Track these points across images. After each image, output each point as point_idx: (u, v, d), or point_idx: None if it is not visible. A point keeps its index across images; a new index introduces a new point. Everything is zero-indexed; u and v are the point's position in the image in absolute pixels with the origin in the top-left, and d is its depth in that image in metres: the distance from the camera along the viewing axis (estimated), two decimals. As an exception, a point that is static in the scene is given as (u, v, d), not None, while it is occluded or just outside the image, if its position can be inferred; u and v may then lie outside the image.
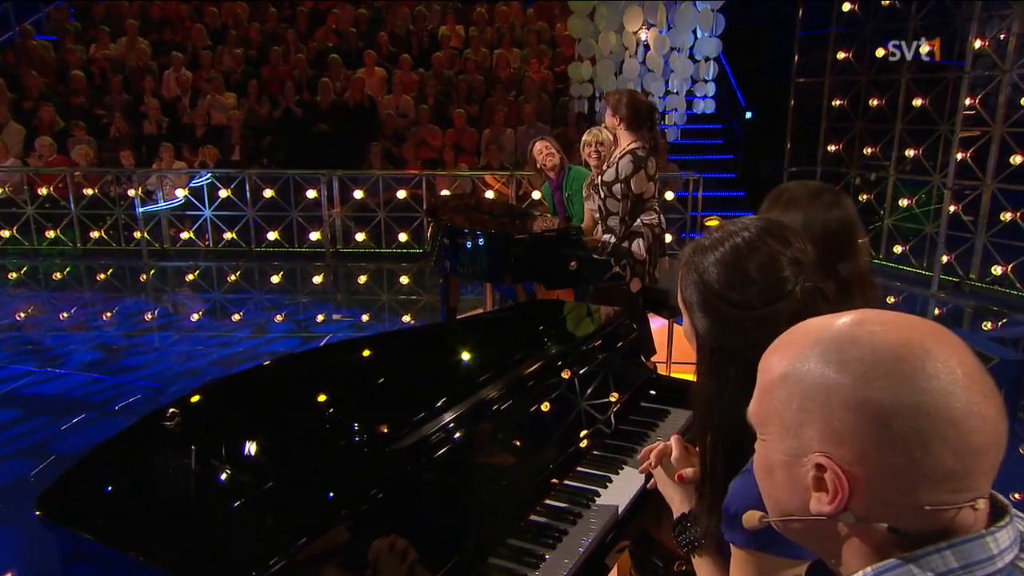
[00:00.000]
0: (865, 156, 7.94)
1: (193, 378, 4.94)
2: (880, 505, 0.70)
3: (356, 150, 8.85)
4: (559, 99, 9.51)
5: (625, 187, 3.80)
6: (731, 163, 9.86)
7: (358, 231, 8.09)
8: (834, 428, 0.70)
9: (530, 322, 2.57)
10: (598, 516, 1.77)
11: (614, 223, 4.00)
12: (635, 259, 3.93)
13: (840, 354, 0.70)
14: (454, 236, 3.95)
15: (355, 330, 5.88)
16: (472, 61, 9.84)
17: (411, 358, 2.11)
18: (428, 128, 8.83)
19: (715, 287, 1.15)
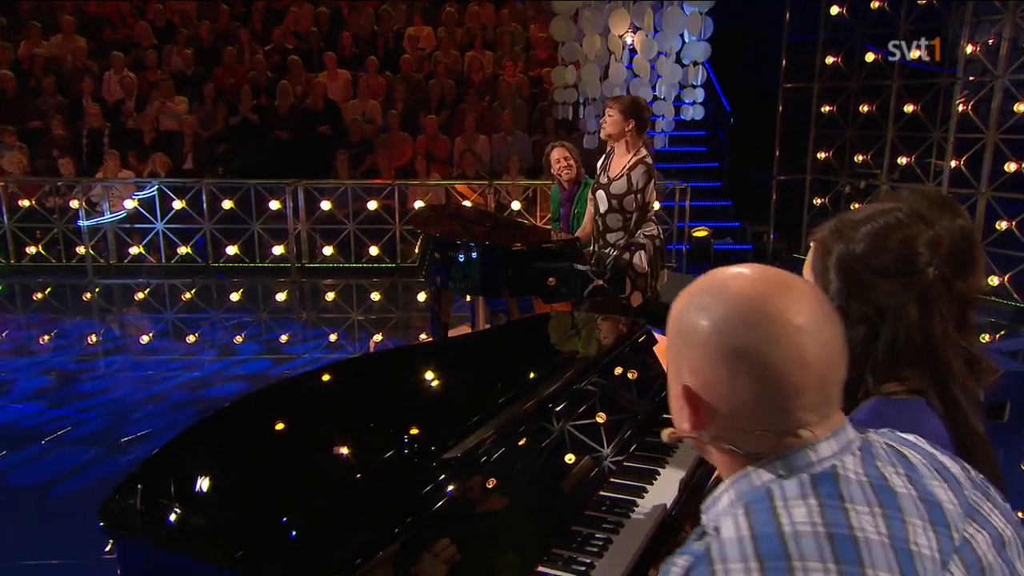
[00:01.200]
0: (856, 164, 8.30)
1: (157, 404, 4.94)
2: (725, 429, 0.93)
3: (320, 159, 8.92)
4: (537, 104, 9.73)
5: (640, 198, 3.96)
6: (716, 171, 10.16)
7: (325, 245, 8.14)
8: (692, 361, 0.93)
9: (551, 335, 2.70)
10: (640, 523, 1.90)
11: (614, 238, 4.16)
12: (636, 272, 4.10)
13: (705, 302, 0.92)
14: (445, 248, 4.07)
15: (328, 351, 5.93)
16: (442, 64, 10.00)
17: (438, 372, 2.22)
18: (398, 135, 8.95)
19: (857, 252, 1.37)
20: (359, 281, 8.03)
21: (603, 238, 4.23)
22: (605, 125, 4.05)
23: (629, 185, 4.05)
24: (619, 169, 4.11)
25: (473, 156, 8.43)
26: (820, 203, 8.66)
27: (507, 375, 2.26)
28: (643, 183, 4.02)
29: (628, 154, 4.12)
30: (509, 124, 8.95)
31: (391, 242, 8.15)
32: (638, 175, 4.03)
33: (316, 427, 1.78)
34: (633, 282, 4.09)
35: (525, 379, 2.14)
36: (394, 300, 7.55)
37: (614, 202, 4.08)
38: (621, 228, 4.14)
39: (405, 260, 8.22)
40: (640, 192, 4.02)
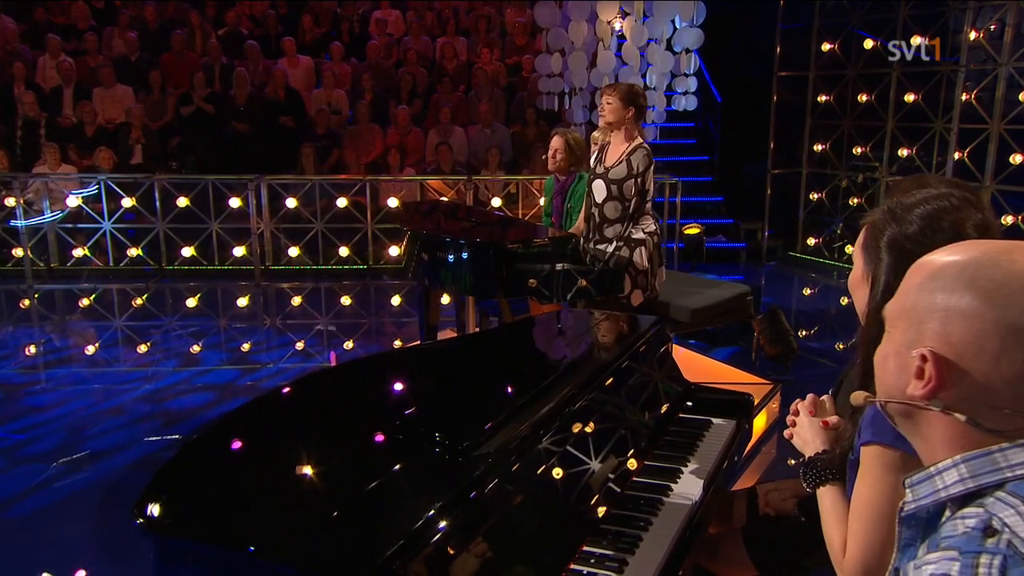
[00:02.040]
0: (854, 156, 8.55)
1: (117, 417, 4.96)
2: (967, 401, 0.98)
3: (283, 152, 8.95)
4: (515, 94, 9.86)
5: (640, 182, 4.11)
6: (706, 165, 10.37)
7: (291, 245, 8.17)
8: (948, 330, 0.99)
9: (564, 334, 2.82)
10: (668, 521, 2.03)
11: (612, 231, 4.29)
12: (637, 270, 4.24)
13: (976, 273, 0.99)
14: (434, 247, 4.17)
15: (297, 360, 5.98)
16: (412, 51, 10.10)
17: (456, 370, 2.32)
18: (367, 127, 9.02)
19: (909, 232, 1.55)
20: (328, 284, 8.07)
21: (599, 232, 4.35)
22: (604, 113, 4.21)
23: (629, 169, 4.20)
24: (617, 156, 4.26)
25: (449, 149, 8.53)
26: (817, 198, 8.90)
27: (525, 373, 2.37)
28: (643, 167, 4.19)
29: (626, 143, 4.28)
30: (487, 115, 9.07)
31: (362, 242, 8.20)
32: (638, 159, 4.20)
33: (341, 424, 1.87)
34: (634, 280, 4.22)
35: (545, 378, 2.25)
36: (366, 304, 7.61)
37: (613, 188, 4.22)
38: (619, 219, 4.27)
39: (378, 261, 8.29)
40: (640, 176, 4.18)
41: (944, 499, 0.99)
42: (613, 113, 4.20)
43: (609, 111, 4.20)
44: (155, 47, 9.92)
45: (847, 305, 7.54)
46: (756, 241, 9.21)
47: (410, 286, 7.88)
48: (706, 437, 2.55)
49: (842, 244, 8.72)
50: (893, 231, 1.57)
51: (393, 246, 8.12)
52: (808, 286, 8.36)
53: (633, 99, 4.24)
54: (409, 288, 7.84)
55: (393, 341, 6.54)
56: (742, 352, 5.86)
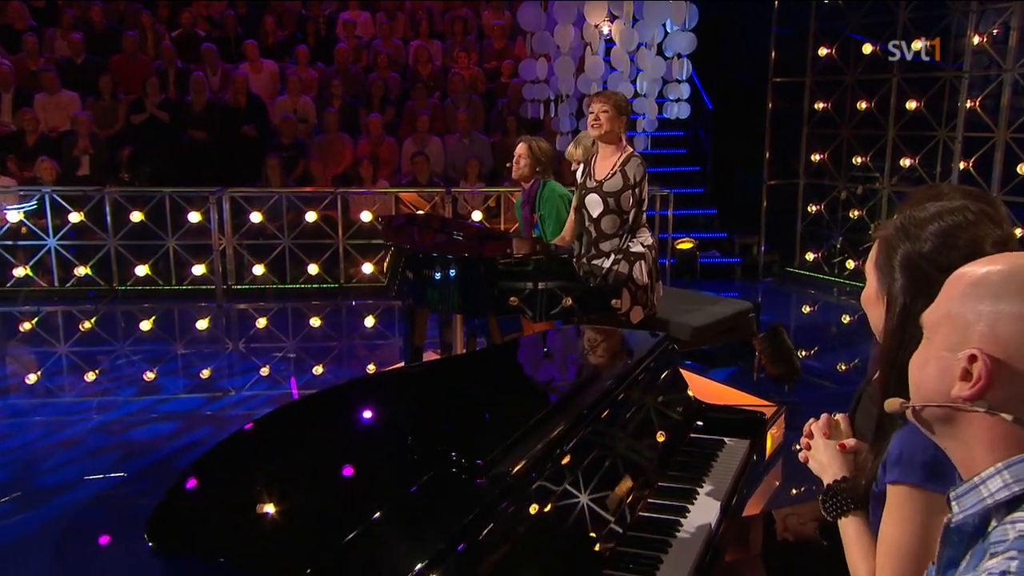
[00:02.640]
0: (854, 166, 8.77)
1: (72, 449, 4.95)
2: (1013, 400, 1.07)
3: (246, 163, 8.99)
4: (494, 101, 9.99)
5: (639, 193, 4.24)
6: (698, 176, 10.55)
7: (256, 263, 8.19)
8: (996, 332, 1.08)
9: (569, 352, 2.91)
10: (686, 545, 2.11)
11: (609, 246, 4.41)
12: (636, 285, 4.35)
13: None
14: (420, 263, 4.25)
15: (264, 386, 5.99)
16: (384, 55, 10.20)
17: (464, 388, 2.40)
18: (336, 137, 9.09)
19: (924, 251, 1.59)
20: (296, 305, 8.10)
21: (595, 247, 4.46)
22: (599, 123, 4.32)
23: (625, 180, 4.32)
24: (609, 168, 4.38)
25: (425, 160, 8.62)
26: (815, 211, 9.11)
27: (533, 392, 2.45)
28: (640, 176, 4.32)
29: (617, 153, 4.41)
30: (465, 124, 9.20)
31: (333, 259, 8.25)
32: (633, 168, 4.33)
33: (350, 444, 1.94)
34: (633, 296, 4.33)
35: (554, 396, 2.33)
36: (337, 326, 7.64)
37: (610, 201, 4.34)
38: (617, 233, 4.39)
39: (350, 280, 8.33)
40: (637, 187, 4.31)
41: (991, 506, 1.07)
42: (609, 123, 4.32)
43: (605, 120, 4.32)
44: (103, 50, 9.91)
45: (849, 323, 7.71)
46: (752, 256, 9.38)
47: (385, 306, 7.95)
48: (720, 457, 2.64)
49: (842, 259, 8.92)
50: (906, 249, 1.62)
51: (366, 263, 8.17)
52: (807, 303, 8.52)
53: (625, 108, 4.41)
54: (384, 309, 7.90)
55: (367, 365, 6.59)
56: (742, 372, 5.98)
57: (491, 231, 5.91)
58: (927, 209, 1.64)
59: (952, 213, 1.60)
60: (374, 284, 8.32)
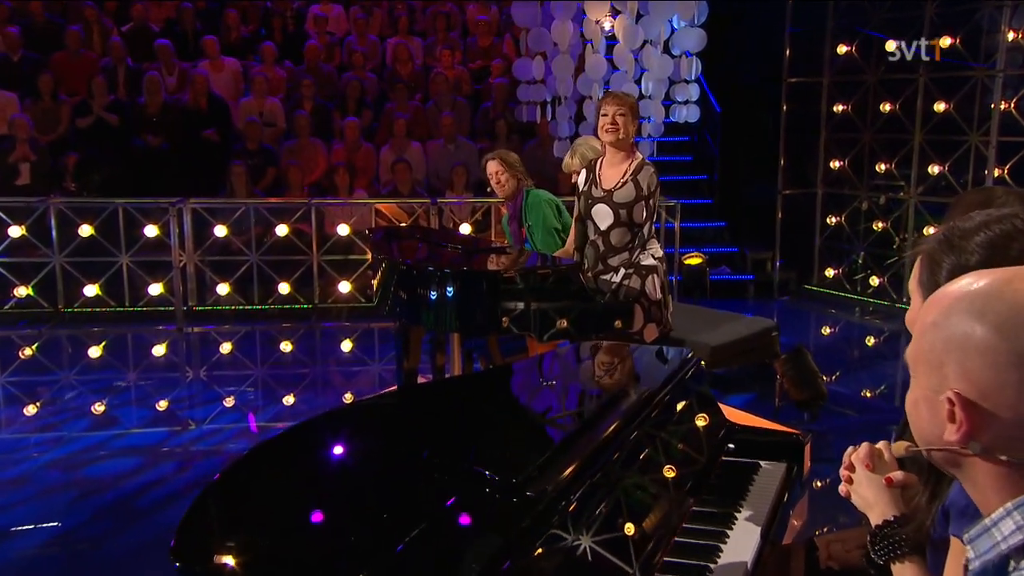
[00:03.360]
0: (877, 174, 8.92)
1: (23, 488, 4.95)
2: (1004, 439, 1.11)
3: (208, 172, 9.04)
4: (481, 104, 10.13)
5: (653, 204, 4.36)
6: (705, 186, 10.73)
7: (220, 282, 8.23)
8: (966, 368, 1.12)
9: (594, 368, 3.00)
10: (730, 570, 2.20)
11: (618, 260, 4.52)
12: (649, 300, 4.46)
13: (983, 306, 1.13)
14: (415, 278, 4.32)
15: (230, 419, 6.02)
16: (359, 53, 10.32)
17: (478, 407, 2.48)
18: (308, 142, 9.18)
19: (971, 264, 1.57)
20: (264, 328, 8.14)
21: (603, 261, 4.56)
22: (616, 127, 4.42)
23: (638, 190, 4.44)
24: (619, 176, 4.49)
25: (407, 168, 8.72)
26: (835, 223, 9.25)
27: (558, 412, 2.54)
28: (653, 186, 4.45)
29: (627, 160, 4.52)
30: (449, 128, 9.32)
31: (306, 277, 8.29)
32: (646, 178, 4.44)
33: (378, 460, 2.02)
34: (646, 312, 4.43)
35: (580, 416, 2.42)
36: (311, 351, 7.68)
37: (622, 213, 4.44)
38: (627, 247, 4.50)
39: (325, 300, 8.38)
40: (651, 197, 4.43)
41: (1005, 551, 1.12)
42: (626, 128, 4.44)
43: (623, 125, 4.44)
44: (43, 46, 9.91)
45: (874, 345, 7.85)
46: (765, 272, 9.52)
47: (363, 330, 8.01)
48: (756, 481, 2.73)
49: (865, 275, 9.06)
50: (951, 263, 1.59)
51: (343, 281, 8.23)
52: (827, 324, 8.65)
53: (638, 111, 4.53)
54: (363, 332, 7.96)
55: (343, 394, 6.63)
56: (760, 397, 6.07)
57: (492, 244, 6.00)
58: (972, 219, 1.62)
59: (1000, 222, 1.59)
60: (352, 305, 8.39)
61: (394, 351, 7.22)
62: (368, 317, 8.16)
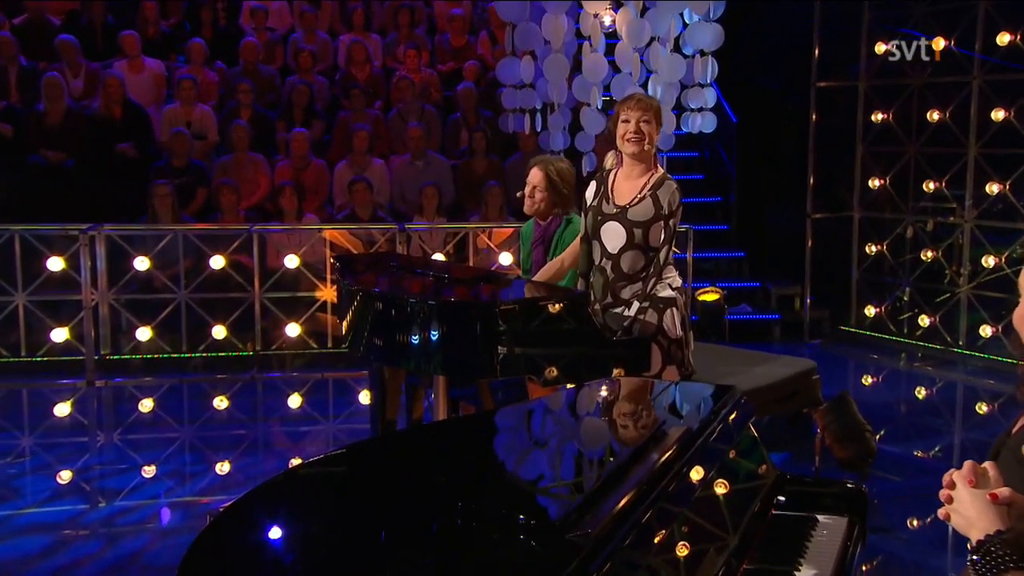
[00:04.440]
0: (924, 194, 9.07)
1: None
2: None
3: (125, 193, 9.07)
4: (450, 113, 10.28)
5: (673, 225, 4.49)
6: (719, 209, 10.91)
7: (140, 325, 8.22)
8: None
9: (623, 407, 3.12)
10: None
11: (630, 291, 4.63)
12: (669, 338, 4.57)
13: None
14: (394, 311, 4.42)
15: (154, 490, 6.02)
16: (307, 52, 10.42)
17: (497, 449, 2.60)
18: (247, 158, 9.25)
19: None
20: (195, 380, 8.14)
21: (611, 291, 4.67)
22: (641, 137, 4.55)
23: (656, 208, 4.56)
24: (635, 192, 4.62)
25: (367, 188, 8.81)
26: (875, 252, 9.40)
27: (585, 456, 2.65)
28: (675, 204, 4.57)
29: (646, 174, 4.65)
30: (417, 142, 9.44)
31: (246, 319, 8.30)
32: (667, 194, 4.57)
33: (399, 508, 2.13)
34: (666, 352, 4.54)
35: (611, 460, 2.53)
36: (251, 407, 7.71)
37: (636, 233, 4.55)
38: (641, 275, 4.60)
39: (269, 346, 8.40)
40: (672, 217, 4.56)
41: None
42: (651, 137, 4.59)
43: (648, 134, 4.58)
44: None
45: (926, 397, 7.94)
46: (793, 312, 9.65)
47: (315, 381, 8.01)
48: (814, 538, 2.85)
49: (912, 315, 9.17)
50: None
51: (291, 323, 8.24)
52: (869, 372, 8.79)
53: (662, 118, 4.69)
54: (315, 384, 7.97)
55: (290, 459, 6.62)
56: (797, 454, 6.14)
57: (487, 272, 6.10)
58: None
59: None
60: (301, 352, 8.42)
61: (353, 406, 7.42)
62: (321, 366, 8.22)
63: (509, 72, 8.12)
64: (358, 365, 7.64)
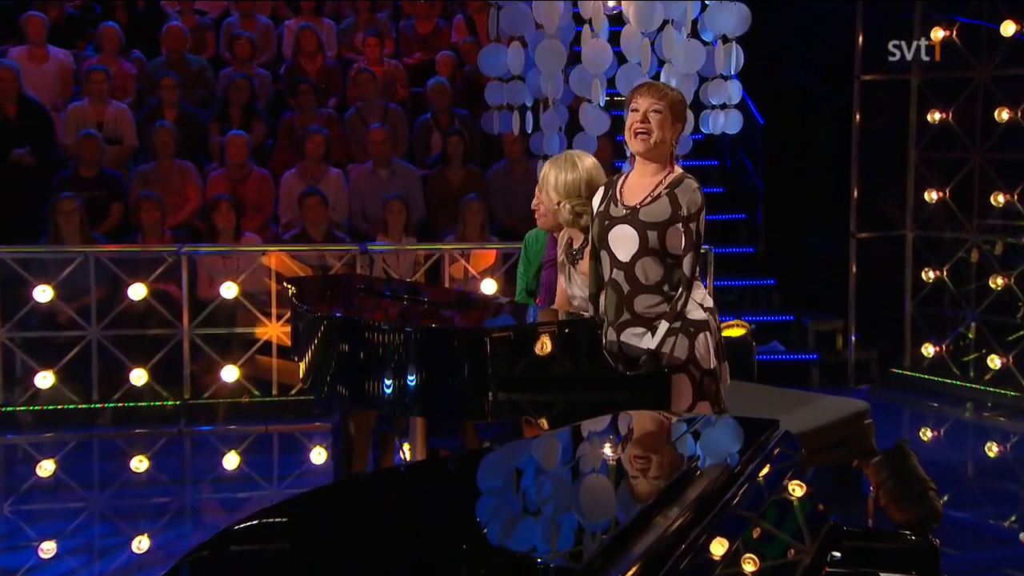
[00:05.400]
0: (992, 208, 9.13)
1: None
2: None
3: (19, 208, 9.08)
4: (421, 113, 10.36)
5: (696, 229, 4.51)
6: (743, 228, 10.98)
7: (41, 369, 8.21)
8: None
9: (645, 444, 3.18)
10: None
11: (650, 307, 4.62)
12: (700, 368, 4.59)
13: None
14: (363, 341, 4.46)
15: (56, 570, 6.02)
16: (244, 40, 10.46)
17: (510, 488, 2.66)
18: (172, 166, 9.28)
19: None
20: (109, 436, 8.14)
21: (629, 307, 4.65)
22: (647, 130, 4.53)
23: (674, 207, 4.54)
24: (647, 191, 4.63)
25: (321, 203, 8.84)
26: (933, 278, 9.43)
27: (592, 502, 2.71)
28: (694, 206, 4.53)
29: (661, 173, 4.67)
30: (380, 147, 9.50)
31: (173, 360, 8.31)
32: (686, 193, 4.54)
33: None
34: (697, 385, 4.54)
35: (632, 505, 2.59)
36: (177, 468, 7.73)
37: (650, 236, 4.52)
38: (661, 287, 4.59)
39: (199, 393, 8.39)
40: (692, 220, 4.54)
41: None
42: (661, 130, 4.55)
43: (656, 125, 4.55)
44: None
45: (998, 455, 7.93)
46: (834, 351, 9.73)
47: (257, 436, 8.01)
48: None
49: (980, 355, 9.17)
50: None
51: (228, 366, 8.24)
52: (928, 424, 8.88)
53: (683, 112, 4.71)
54: (256, 440, 7.97)
55: (223, 528, 6.62)
56: (845, 518, 6.18)
57: (473, 296, 6.13)
58: None
59: None
60: (240, 400, 8.40)
61: (304, 465, 7.43)
62: (264, 417, 8.24)
63: (493, 62, 8.06)
64: (314, 414, 7.67)
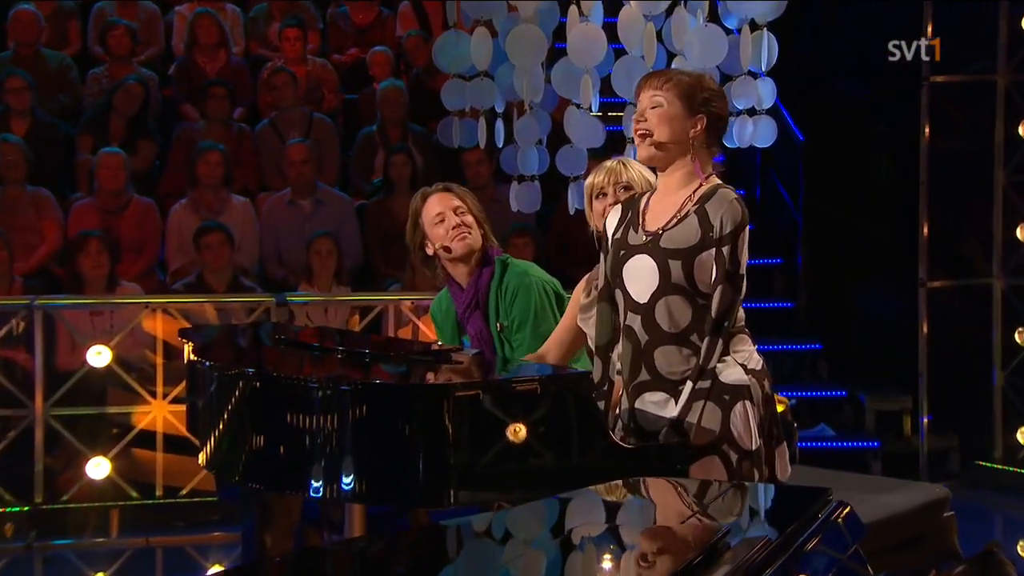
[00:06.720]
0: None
1: None
2: None
3: None
4: (358, 127, 10.48)
5: (732, 257, 4.47)
6: (778, 275, 11.12)
7: None
8: None
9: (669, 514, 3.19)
10: None
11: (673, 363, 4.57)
12: (740, 449, 4.55)
13: None
14: (286, 402, 4.45)
15: None
16: (121, 31, 10.47)
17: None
18: (24, 196, 9.28)
19: None
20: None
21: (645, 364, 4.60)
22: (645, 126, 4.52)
23: (704, 228, 4.47)
24: (672, 211, 4.58)
25: (225, 242, 8.84)
26: (1031, 340, 9.51)
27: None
28: (734, 222, 4.46)
29: (688, 185, 4.64)
30: (302, 170, 9.57)
31: (22, 451, 8.32)
32: (721, 207, 4.43)
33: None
34: (733, 469, 4.51)
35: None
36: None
37: (674, 268, 4.48)
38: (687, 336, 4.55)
39: (56, 497, 8.37)
40: (729, 241, 4.46)
41: None
42: (665, 126, 4.54)
43: (657, 120, 4.53)
44: None
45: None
46: (901, 437, 9.81)
47: (136, 550, 7.99)
48: None
49: None
50: None
51: (96, 457, 8.22)
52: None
53: (703, 100, 4.54)
54: (134, 554, 7.95)
55: None
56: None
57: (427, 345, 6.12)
58: None
59: None
60: (109, 506, 8.37)
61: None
62: (143, 527, 8.23)
63: (452, 54, 7.99)
64: (213, 521, 7.69)
